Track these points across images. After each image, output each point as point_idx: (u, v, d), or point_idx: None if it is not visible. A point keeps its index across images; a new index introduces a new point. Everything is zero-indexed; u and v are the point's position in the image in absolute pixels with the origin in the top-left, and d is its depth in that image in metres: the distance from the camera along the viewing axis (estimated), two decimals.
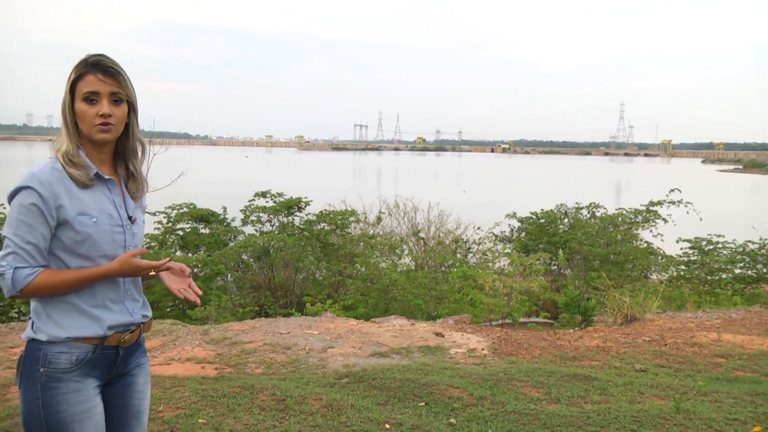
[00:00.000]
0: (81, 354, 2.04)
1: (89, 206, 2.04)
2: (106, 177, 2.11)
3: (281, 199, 13.09)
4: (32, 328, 2.07)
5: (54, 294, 2.01)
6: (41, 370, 2.01)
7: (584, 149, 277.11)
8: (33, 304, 2.07)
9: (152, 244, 11.07)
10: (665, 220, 14.30)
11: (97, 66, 2.03)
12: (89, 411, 2.05)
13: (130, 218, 2.16)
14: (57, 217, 2.00)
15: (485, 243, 14.77)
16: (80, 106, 2.03)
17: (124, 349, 2.16)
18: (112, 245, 2.08)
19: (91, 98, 2.02)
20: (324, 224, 12.57)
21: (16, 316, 8.75)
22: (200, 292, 2.29)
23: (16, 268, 1.97)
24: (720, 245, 14.08)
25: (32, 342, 2.05)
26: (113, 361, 2.13)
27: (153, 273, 2.12)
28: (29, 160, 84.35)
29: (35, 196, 1.98)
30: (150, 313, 2.28)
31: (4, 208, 10.46)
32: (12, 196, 2.01)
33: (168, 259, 2.16)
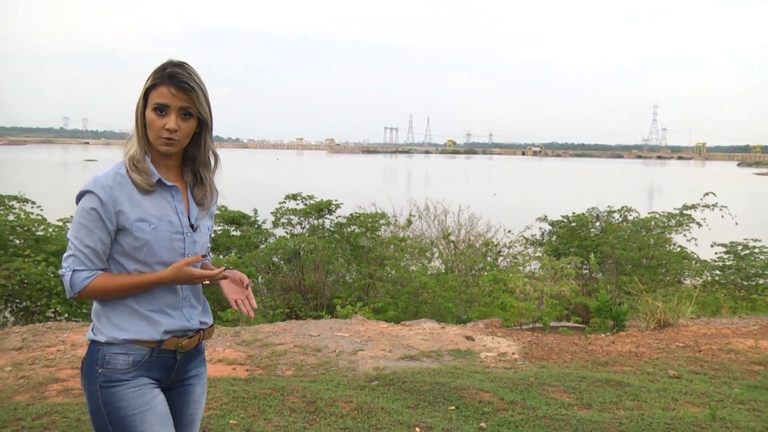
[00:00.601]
0: (138, 356, 2.06)
1: (149, 212, 2.04)
2: (169, 184, 2.10)
3: (312, 202, 13.14)
4: (93, 330, 2.10)
5: (110, 297, 2.04)
6: (99, 370, 2.04)
7: (616, 152, 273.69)
8: (94, 306, 2.11)
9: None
10: (699, 224, 14.06)
11: (173, 78, 2.01)
12: (149, 402, 2.06)
13: (191, 226, 2.14)
14: (116, 222, 2.01)
15: (516, 246, 14.67)
16: (150, 114, 2.03)
17: (182, 354, 2.17)
18: (170, 252, 2.07)
19: (161, 109, 2.02)
20: (354, 227, 12.58)
21: (53, 315, 8.89)
22: (255, 305, 2.27)
23: (74, 270, 2.03)
24: (757, 250, 13.78)
25: (92, 343, 2.09)
26: (171, 366, 2.14)
27: (207, 282, 2.11)
28: (65, 163, 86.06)
29: (95, 201, 2.00)
30: (210, 320, 2.27)
31: (40, 208, 10.67)
32: (77, 200, 2.04)
33: (223, 269, 2.14)
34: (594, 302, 9.05)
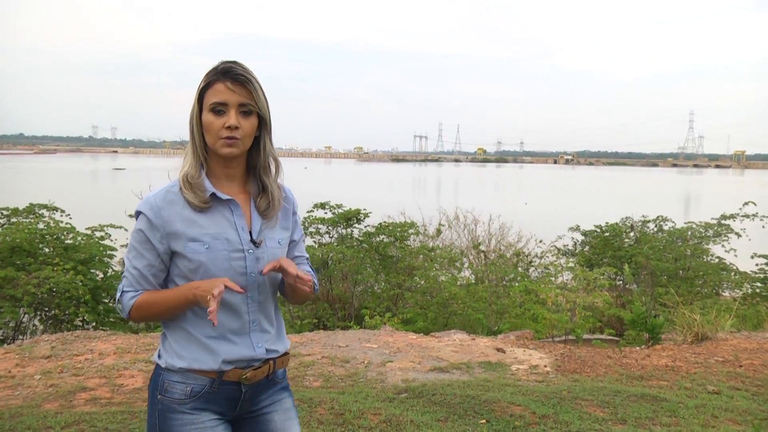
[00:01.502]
0: (197, 386, 1.94)
1: (203, 231, 1.92)
2: (225, 197, 1.95)
3: (340, 211, 13.18)
4: (158, 352, 2.03)
5: (158, 318, 1.97)
6: (158, 396, 1.96)
7: (651, 160, 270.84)
8: (162, 329, 2.04)
9: None
10: (738, 235, 13.83)
11: (227, 74, 1.91)
12: None
13: (253, 242, 1.97)
14: (168, 243, 1.92)
15: (547, 257, 14.55)
16: (207, 117, 1.91)
17: (249, 386, 2.00)
18: (230, 273, 1.92)
19: (219, 109, 1.90)
20: (383, 236, 12.58)
21: (81, 324, 9.02)
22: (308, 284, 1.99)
23: (123, 291, 1.99)
24: None
25: (156, 367, 2.01)
26: (235, 398, 1.99)
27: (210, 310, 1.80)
28: (94, 171, 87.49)
29: (144, 222, 1.94)
30: (283, 348, 2.08)
31: (68, 216, 10.84)
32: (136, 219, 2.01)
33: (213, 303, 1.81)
34: (628, 314, 8.93)
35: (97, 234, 10.30)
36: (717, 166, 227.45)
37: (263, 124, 1.99)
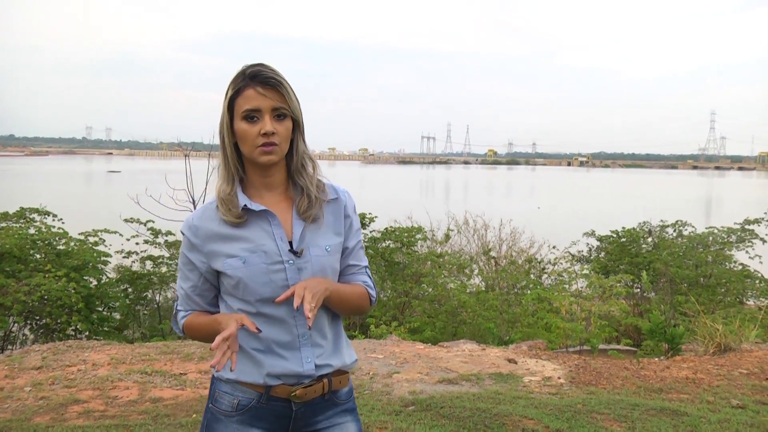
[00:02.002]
0: (244, 400, 1.95)
1: (240, 246, 1.92)
2: (258, 209, 1.92)
3: None
4: None
5: (203, 338, 1.99)
6: (210, 405, 2.00)
7: (670, 162, 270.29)
8: None
9: None
10: (764, 240, 13.78)
11: (256, 78, 1.88)
12: None
13: (293, 251, 1.93)
14: (209, 263, 1.95)
15: (561, 263, 14.53)
16: (240, 125, 1.89)
17: (301, 405, 1.96)
18: (271, 287, 1.90)
19: (252, 116, 1.87)
20: (389, 242, 12.58)
21: (73, 333, 9.04)
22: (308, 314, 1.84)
23: (177, 309, 2.07)
24: None
25: (213, 376, 2.04)
26: (286, 417, 1.97)
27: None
28: (88, 174, 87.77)
29: (185, 243, 1.99)
30: (339, 362, 2.02)
31: (61, 221, 10.88)
32: None
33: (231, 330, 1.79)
34: (646, 324, 8.90)
35: (91, 239, 10.33)
36: (740, 169, 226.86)
37: (296, 125, 1.97)
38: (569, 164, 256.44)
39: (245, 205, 1.92)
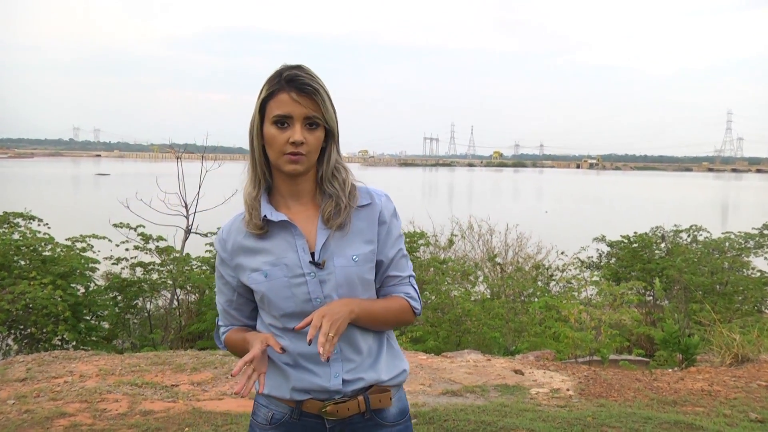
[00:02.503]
0: (278, 414, 1.98)
1: (263, 259, 1.92)
2: (278, 219, 1.91)
3: None
4: None
5: (242, 355, 1.98)
6: (251, 418, 2.07)
7: (684, 165, 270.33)
8: None
9: (203, 267, 11.23)
10: None
11: (292, 82, 1.85)
12: None
13: (315, 263, 1.90)
14: (238, 276, 1.98)
15: (570, 270, 14.54)
16: (269, 129, 1.87)
17: (336, 422, 1.95)
18: (294, 301, 1.90)
19: (283, 122, 1.86)
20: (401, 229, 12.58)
21: (60, 344, 9.02)
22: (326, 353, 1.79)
23: (218, 325, 2.13)
24: None
25: None
26: None
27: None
28: (75, 177, 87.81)
29: (218, 257, 2.03)
30: (372, 377, 1.95)
31: (47, 226, 10.89)
32: None
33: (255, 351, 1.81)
34: (659, 333, 8.88)
35: (79, 245, 10.31)
36: (758, 171, 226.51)
37: (330, 135, 1.95)
38: (578, 166, 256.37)
39: (265, 216, 1.91)
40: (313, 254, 1.91)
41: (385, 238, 2.01)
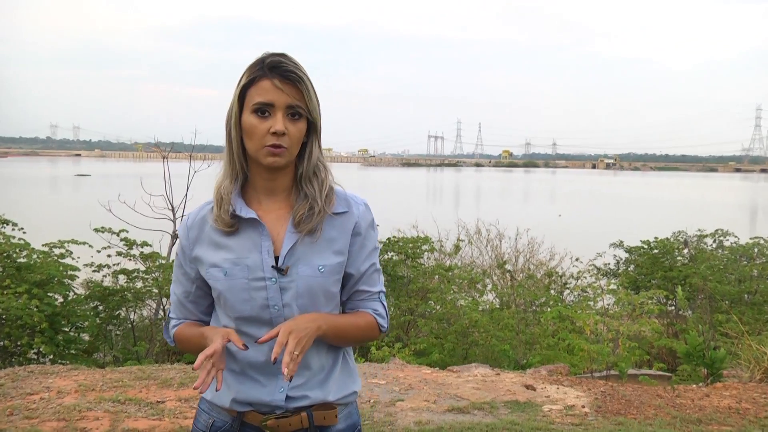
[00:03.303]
0: (219, 422, 2.00)
1: (225, 256, 1.92)
2: (247, 216, 1.91)
3: None
4: None
5: (195, 352, 1.96)
6: (193, 423, 2.08)
7: (709, 165, 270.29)
8: None
9: None
10: None
11: (275, 69, 1.86)
12: None
13: (278, 268, 1.90)
14: (196, 268, 2.00)
15: (585, 277, 14.52)
16: (249, 118, 1.87)
17: None
18: (250, 305, 1.90)
19: (263, 110, 1.86)
20: (392, 253, 12.58)
21: (35, 357, 9.02)
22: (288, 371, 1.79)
23: (170, 317, 2.12)
24: None
25: None
26: None
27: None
28: (53, 178, 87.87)
29: (178, 245, 2.06)
30: (319, 396, 1.96)
31: (22, 231, 10.89)
32: None
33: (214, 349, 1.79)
34: (682, 346, 8.87)
35: (57, 251, 10.31)
36: None
37: (312, 128, 1.96)
38: (594, 166, 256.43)
39: (234, 211, 1.91)
40: (277, 258, 1.92)
41: (359, 250, 2.01)
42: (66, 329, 9.57)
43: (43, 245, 10.42)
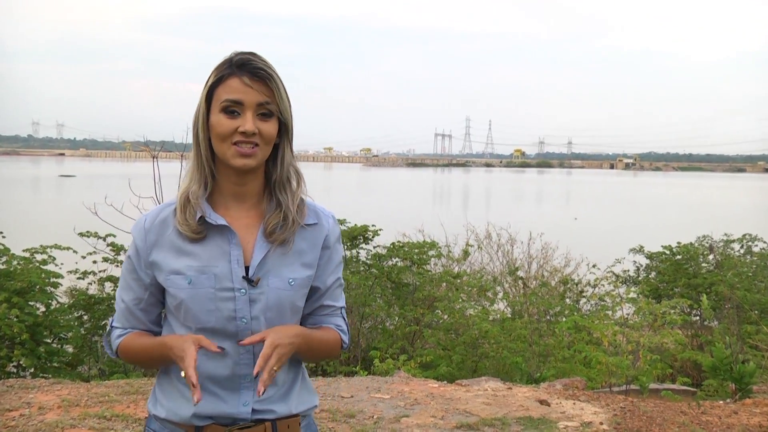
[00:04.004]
0: None
1: (189, 263, 1.92)
2: (216, 222, 1.92)
3: (343, 228, 13.19)
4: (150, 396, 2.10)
5: (144, 364, 2.01)
6: None
7: (736, 164, 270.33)
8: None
9: None
10: None
11: (243, 67, 1.89)
12: None
13: (248, 279, 1.92)
14: (153, 273, 1.97)
15: (603, 285, 14.49)
16: (217, 118, 1.89)
17: None
18: (216, 316, 1.91)
19: (232, 109, 1.88)
20: (397, 259, 12.58)
21: (15, 371, 9.01)
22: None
23: (113, 326, 2.07)
24: None
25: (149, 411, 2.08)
26: None
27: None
28: (35, 179, 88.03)
29: (132, 247, 2.01)
30: (286, 409, 2.01)
31: (1, 235, 10.90)
32: None
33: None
34: (708, 359, 8.86)
35: (39, 257, 10.31)
36: None
37: (284, 129, 1.98)
38: (612, 167, 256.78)
39: (201, 217, 1.92)
40: (247, 269, 1.94)
41: (326, 264, 2.07)
42: (48, 341, 9.57)
43: (23, 251, 10.43)
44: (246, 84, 1.88)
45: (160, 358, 1.91)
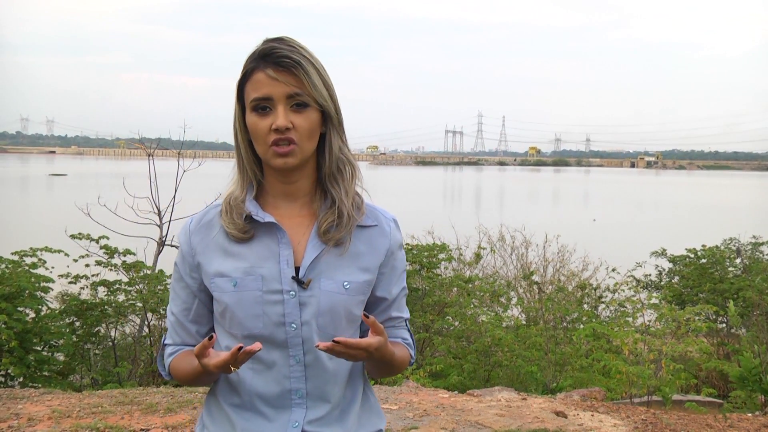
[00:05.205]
0: None
1: (235, 264, 1.87)
2: (264, 220, 1.87)
3: None
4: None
5: (194, 384, 1.95)
6: None
7: (765, 163, 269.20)
8: None
9: None
10: None
11: (267, 58, 1.81)
12: None
13: (298, 280, 1.85)
14: (199, 279, 1.93)
15: (623, 290, 14.47)
16: (250, 118, 1.83)
17: None
18: (262, 321, 1.84)
19: (263, 106, 1.81)
20: (405, 263, 12.58)
21: (3, 380, 9.03)
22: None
23: (165, 344, 2.03)
24: None
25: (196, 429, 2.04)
26: None
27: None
28: (23, 179, 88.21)
29: (178, 253, 1.97)
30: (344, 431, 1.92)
31: None
32: None
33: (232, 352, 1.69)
34: (735, 368, 8.83)
35: (28, 260, 10.34)
36: None
37: (328, 117, 1.90)
38: (633, 165, 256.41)
39: (249, 215, 1.87)
40: (297, 269, 1.87)
41: (390, 272, 2.02)
42: (38, 348, 9.58)
43: (12, 253, 10.45)
44: (271, 77, 1.80)
45: (203, 374, 1.82)
